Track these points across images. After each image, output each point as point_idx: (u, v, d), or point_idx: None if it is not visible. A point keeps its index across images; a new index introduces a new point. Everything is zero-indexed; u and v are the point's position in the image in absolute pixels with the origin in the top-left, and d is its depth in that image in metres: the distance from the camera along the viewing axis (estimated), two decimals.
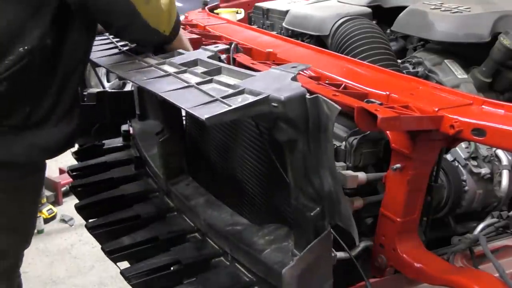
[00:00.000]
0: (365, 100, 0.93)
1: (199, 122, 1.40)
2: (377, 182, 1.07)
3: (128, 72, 1.11)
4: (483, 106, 0.90)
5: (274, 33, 1.86)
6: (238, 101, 0.80)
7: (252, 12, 2.34)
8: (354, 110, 0.83)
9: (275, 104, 0.78)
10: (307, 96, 0.78)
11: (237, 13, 2.41)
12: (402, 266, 0.97)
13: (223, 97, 0.82)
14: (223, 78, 0.95)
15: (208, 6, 2.29)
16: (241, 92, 0.84)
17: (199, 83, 0.92)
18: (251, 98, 0.80)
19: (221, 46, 1.21)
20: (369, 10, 1.75)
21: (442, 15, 1.47)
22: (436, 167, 1.00)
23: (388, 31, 1.74)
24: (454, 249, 1.03)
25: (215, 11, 2.34)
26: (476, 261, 1.01)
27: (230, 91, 0.85)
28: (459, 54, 1.49)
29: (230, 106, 0.78)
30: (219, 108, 0.78)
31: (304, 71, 1.15)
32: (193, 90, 0.90)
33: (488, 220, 1.10)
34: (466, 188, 1.14)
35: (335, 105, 0.74)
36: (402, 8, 1.62)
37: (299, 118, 0.79)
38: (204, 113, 0.76)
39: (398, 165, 0.93)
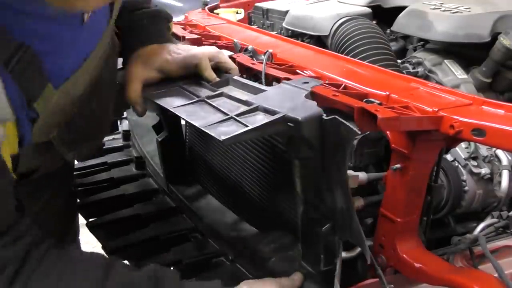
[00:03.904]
0: (365, 100, 0.93)
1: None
2: (378, 182, 1.07)
3: None
4: (483, 106, 0.90)
5: (274, 33, 1.86)
6: (253, 120, 0.80)
7: (252, 12, 2.33)
8: (354, 110, 0.83)
9: (291, 124, 0.78)
10: (324, 116, 0.78)
11: (237, 13, 2.41)
12: (402, 266, 0.97)
13: (237, 115, 0.81)
14: (232, 91, 0.95)
15: (208, 6, 2.29)
16: (254, 110, 0.83)
17: (209, 97, 0.92)
18: (266, 117, 0.80)
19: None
20: (369, 10, 1.75)
21: (442, 15, 1.47)
22: (436, 167, 1.00)
23: (388, 31, 1.74)
24: (454, 249, 1.03)
25: (215, 11, 2.34)
26: (476, 261, 1.02)
27: (243, 108, 0.84)
28: (459, 54, 1.49)
29: (247, 126, 0.77)
30: (235, 127, 0.78)
31: (303, 72, 1.15)
32: (204, 105, 0.90)
33: (488, 220, 1.10)
34: (466, 188, 1.14)
35: (354, 128, 0.73)
36: (402, 8, 1.62)
37: (315, 137, 0.79)
38: (220, 133, 0.76)
39: (398, 165, 0.93)
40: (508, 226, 1.08)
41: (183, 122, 1.52)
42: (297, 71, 1.15)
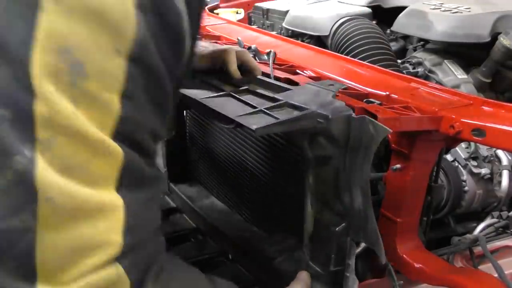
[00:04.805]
0: (365, 100, 0.93)
1: (202, 123, 1.40)
2: (378, 182, 1.07)
3: None
4: (483, 106, 0.90)
5: (274, 33, 1.86)
6: (282, 114, 0.79)
7: (252, 12, 2.33)
8: (355, 110, 0.84)
9: (321, 120, 0.78)
10: (354, 115, 0.78)
11: (237, 13, 2.41)
12: (402, 266, 0.97)
13: (267, 109, 0.81)
14: (256, 89, 0.94)
15: (208, 6, 2.29)
16: (282, 105, 0.83)
17: (235, 92, 0.91)
18: (295, 112, 0.79)
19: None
20: (369, 10, 1.75)
21: (442, 15, 1.47)
22: (436, 167, 1.00)
23: (388, 31, 1.74)
24: (454, 249, 1.03)
25: (215, 11, 2.34)
26: (476, 261, 1.02)
27: (271, 103, 0.84)
28: (459, 54, 1.49)
29: (277, 118, 0.77)
30: (265, 120, 0.77)
31: (303, 72, 1.15)
32: (231, 99, 0.89)
33: (488, 220, 1.10)
34: (466, 188, 1.14)
35: (384, 126, 0.73)
36: (402, 8, 1.62)
37: (341, 136, 0.78)
38: (252, 124, 0.75)
39: (398, 166, 0.93)
40: (508, 226, 1.09)
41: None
42: (297, 71, 1.15)
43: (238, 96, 0.89)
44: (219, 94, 0.91)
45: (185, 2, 0.59)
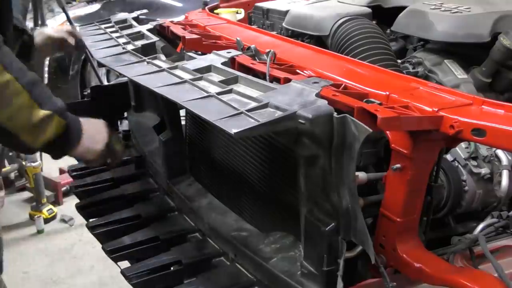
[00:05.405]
0: (365, 100, 0.93)
1: (200, 123, 1.40)
2: (377, 182, 1.07)
3: (139, 76, 1.09)
4: (483, 106, 0.90)
5: (274, 33, 1.86)
6: (264, 116, 0.79)
7: (252, 12, 2.33)
8: (354, 110, 0.84)
9: (302, 121, 0.78)
10: (335, 115, 0.78)
11: (237, 13, 2.41)
12: (402, 266, 0.97)
13: (248, 110, 0.81)
14: (241, 88, 0.95)
15: (208, 6, 2.29)
16: (265, 106, 0.83)
17: (219, 93, 0.91)
18: (277, 113, 0.79)
19: (234, 52, 1.20)
20: (369, 10, 1.75)
21: (442, 15, 1.47)
22: (436, 167, 1.00)
23: (388, 31, 1.74)
24: (454, 249, 1.03)
25: (215, 11, 2.34)
26: (476, 261, 1.02)
27: (254, 104, 0.84)
28: (459, 54, 1.49)
29: (258, 120, 0.77)
30: (246, 122, 0.78)
31: (303, 72, 1.15)
32: (214, 100, 0.90)
33: (488, 220, 1.10)
34: (466, 188, 1.14)
35: (365, 126, 0.73)
36: (402, 8, 1.62)
37: (324, 135, 0.79)
38: (232, 127, 0.76)
39: (398, 165, 0.93)
40: (508, 226, 1.08)
41: (183, 123, 1.52)
42: (297, 71, 1.15)
43: (220, 98, 0.89)
44: (201, 96, 0.92)
45: None
